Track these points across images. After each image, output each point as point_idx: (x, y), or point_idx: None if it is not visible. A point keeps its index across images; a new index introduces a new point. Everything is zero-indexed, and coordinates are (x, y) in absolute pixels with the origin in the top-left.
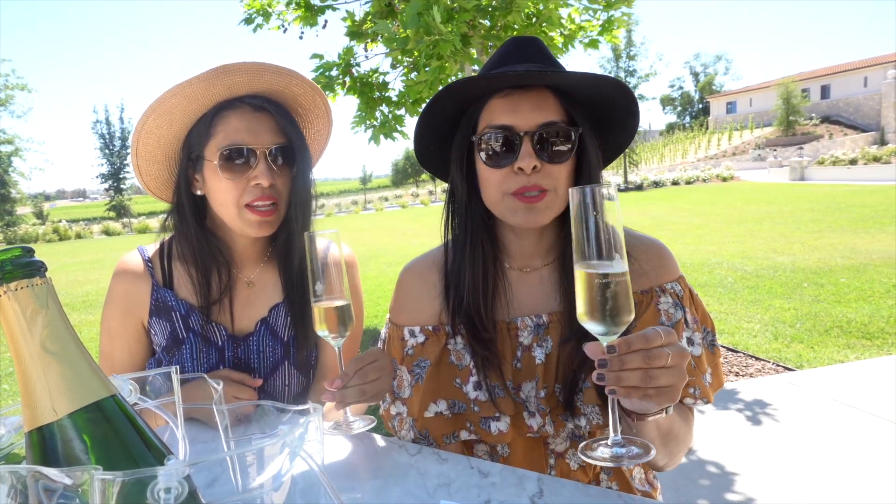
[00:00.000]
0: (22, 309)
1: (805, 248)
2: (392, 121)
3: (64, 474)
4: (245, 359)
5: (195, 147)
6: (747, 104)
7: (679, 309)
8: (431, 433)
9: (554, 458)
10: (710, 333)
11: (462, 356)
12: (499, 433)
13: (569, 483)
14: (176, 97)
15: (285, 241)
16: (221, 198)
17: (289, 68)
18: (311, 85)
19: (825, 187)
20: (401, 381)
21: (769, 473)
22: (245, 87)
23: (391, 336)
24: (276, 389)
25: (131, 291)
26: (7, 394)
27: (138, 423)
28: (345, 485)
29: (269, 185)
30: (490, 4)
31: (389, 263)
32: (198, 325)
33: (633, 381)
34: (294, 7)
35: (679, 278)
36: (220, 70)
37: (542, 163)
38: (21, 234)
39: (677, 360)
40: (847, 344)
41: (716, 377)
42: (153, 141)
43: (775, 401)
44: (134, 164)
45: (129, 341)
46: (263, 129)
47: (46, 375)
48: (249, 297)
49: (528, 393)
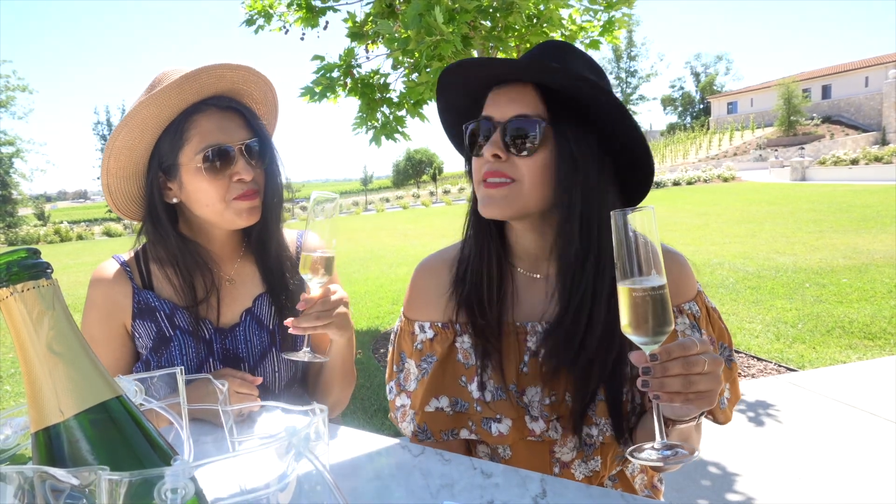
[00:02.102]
0: (28, 310)
1: (807, 248)
2: (393, 122)
3: (71, 475)
4: (233, 349)
5: (167, 156)
6: (748, 104)
7: (696, 331)
8: (430, 427)
9: (559, 466)
10: (727, 349)
11: (469, 355)
12: (499, 435)
13: (571, 484)
14: (149, 108)
15: (259, 233)
16: (206, 199)
17: (248, 66)
18: (266, 79)
19: (826, 187)
20: (408, 373)
21: (771, 474)
22: (211, 90)
23: (403, 329)
24: (266, 377)
25: (111, 296)
26: (9, 395)
27: (144, 424)
28: (347, 485)
29: (250, 178)
30: (491, 5)
31: (390, 264)
32: (184, 323)
33: (676, 386)
34: (295, 8)
35: (696, 296)
36: (187, 76)
37: (506, 153)
38: (22, 235)
39: (713, 366)
40: (849, 344)
41: (733, 392)
42: (125, 156)
43: (777, 401)
44: (104, 184)
45: (113, 346)
46: (234, 126)
47: (53, 376)
48: (232, 292)
49: (531, 397)
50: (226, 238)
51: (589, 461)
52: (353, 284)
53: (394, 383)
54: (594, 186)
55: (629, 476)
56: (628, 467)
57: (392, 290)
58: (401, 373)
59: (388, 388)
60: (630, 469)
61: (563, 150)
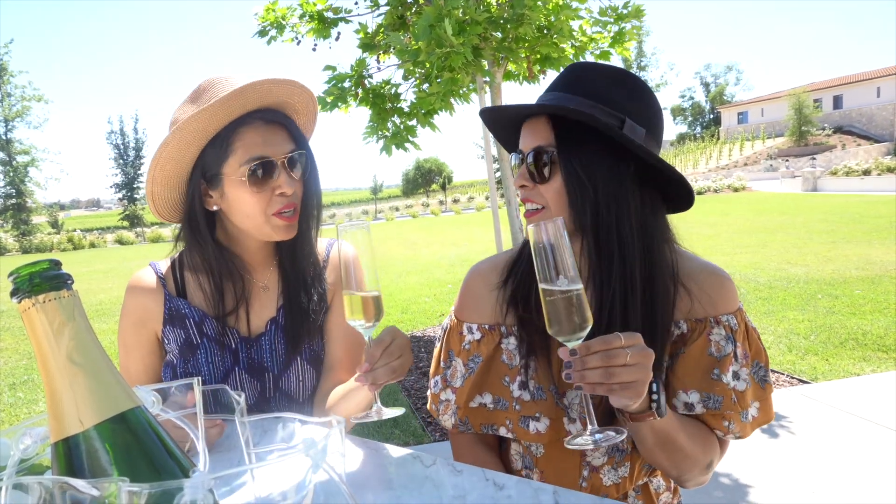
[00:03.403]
0: (49, 321)
1: (819, 259)
2: (404, 131)
3: (91, 486)
4: (258, 359)
5: (211, 166)
6: (759, 114)
7: (731, 343)
8: (471, 420)
9: (588, 470)
10: (762, 368)
11: (513, 356)
12: (536, 433)
13: (585, 497)
14: (197, 122)
15: (291, 244)
16: (248, 210)
17: (295, 80)
18: (311, 93)
19: (838, 198)
20: (454, 371)
21: (784, 486)
22: (256, 103)
23: (452, 328)
24: (290, 386)
25: (143, 304)
26: (23, 402)
27: (162, 435)
28: (359, 496)
29: (291, 192)
30: (501, 17)
31: (399, 273)
32: (212, 331)
33: (595, 378)
34: (308, 20)
35: (737, 311)
36: (236, 92)
37: (532, 183)
38: (36, 242)
39: (638, 358)
40: (863, 356)
41: (763, 412)
42: (171, 166)
43: (790, 413)
44: (148, 192)
45: (143, 353)
46: (278, 139)
47: (73, 387)
48: (263, 300)
49: (571, 400)
50: (260, 246)
51: (619, 468)
52: None
53: (439, 378)
54: (607, 201)
55: (653, 492)
56: (653, 482)
57: (402, 298)
58: (448, 369)
59: (434, 381)
60: (655, 485)
61: (569, 173)
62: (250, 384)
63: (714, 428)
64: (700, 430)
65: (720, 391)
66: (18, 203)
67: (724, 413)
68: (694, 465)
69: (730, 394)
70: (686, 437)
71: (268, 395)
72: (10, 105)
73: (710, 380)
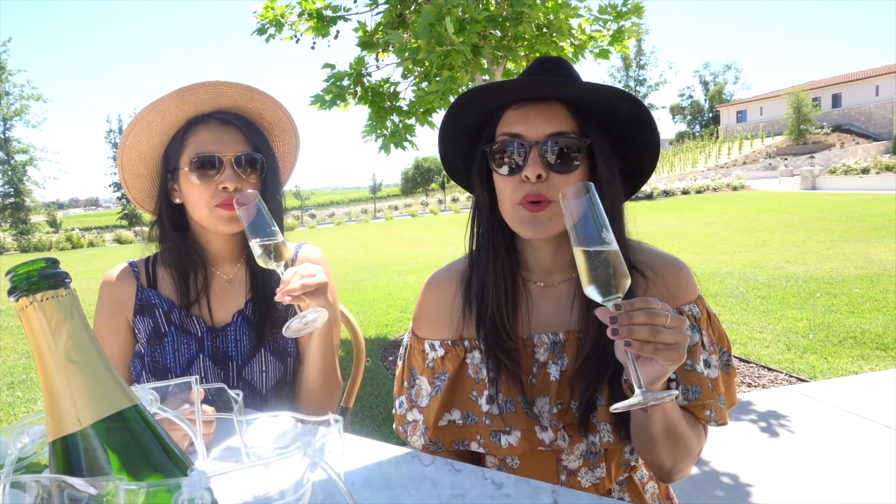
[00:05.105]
0: (47, 319)
1: (817, 257)
2: (402, 130)
3: (89, 484)
4: (223, 348)
5: (171, 159)
6: (757, 113)
7: (696, 332)
8: (441, 440)
9: (566, 474)
10: (725, 353)
11: (479, 370)
12: (508, 446)
13: (583, 495)
14: (150, 114)
15: None
16: (194, 201)
17: (250, 85)
18: (273, 100)
19: (837, 196)
20: (419, 390)
21: (783, 485)
22: (211, 104)
23: (413, 347)
24: (254, 376)
25: (117, 294)
26: (21, 401)
27: (160, 434)
28: (357, 495)
29: (234, 188)
30: (501, 15)
31: (399, 272)
32: (178, 319)
33: (644, 334)
34: (306, 18)
35: (697, 299)
36: (184, 89)
37: (548, 172)
38: (35, 241)
39: (676, 322)
40: (861, 355)
41: (729, 396)
42: (135, 155)
43: (789, 412)
44: (121, 178)
45: (119, 341)
46: (230, 139)
47: (70, 385)
48: (228, 292)
49: (541, 408)
50: (225, 241)
51: (595, 469)
52: (362, 292)
53: (404, 398)
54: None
55: (638, 482)
56: (636, 474)
57: (401, 297)
58: (412, 388)
59: (398, 402)
60: (639, 476)
61: (599, 168)
62: (214, 372)
63: (698, 418)
64: (690, 419)
65: (697, 381)
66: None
67: (705, 402)
68: (689, 455)
69: (706, 382)
70: (686, 426)
71: (231, 385)
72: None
73: (686, 371)
